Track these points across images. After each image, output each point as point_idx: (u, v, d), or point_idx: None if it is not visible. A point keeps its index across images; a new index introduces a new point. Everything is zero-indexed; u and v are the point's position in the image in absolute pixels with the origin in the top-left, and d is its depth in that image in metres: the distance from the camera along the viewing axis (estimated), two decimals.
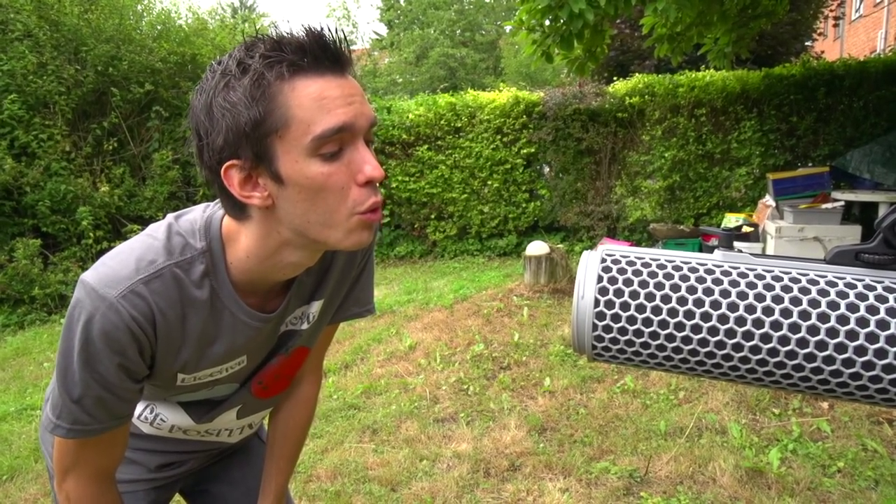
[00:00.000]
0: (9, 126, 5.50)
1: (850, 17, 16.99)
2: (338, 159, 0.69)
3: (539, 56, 4.27)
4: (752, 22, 4.86)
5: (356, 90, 0.70)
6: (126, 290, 0.71)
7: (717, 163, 6.05)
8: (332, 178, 0.68)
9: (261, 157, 0.68)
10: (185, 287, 0.76)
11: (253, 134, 0.67)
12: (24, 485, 2.60)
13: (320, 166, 0.68)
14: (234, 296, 0.80)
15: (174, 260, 0.75)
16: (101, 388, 0.74)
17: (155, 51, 6.44)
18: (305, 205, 0.70)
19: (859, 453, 2.39)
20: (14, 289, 5.25)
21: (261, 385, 0.98)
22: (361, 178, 0.70)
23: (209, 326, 0.80)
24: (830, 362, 0.53)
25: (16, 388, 3.72)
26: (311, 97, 0.66)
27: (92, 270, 0.73)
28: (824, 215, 4.61)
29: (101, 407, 0.76)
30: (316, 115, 0.66)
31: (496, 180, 6.60)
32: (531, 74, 18.33)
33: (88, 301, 0.71)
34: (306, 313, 0.93)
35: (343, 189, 0.69)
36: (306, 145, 0.67)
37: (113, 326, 0.71)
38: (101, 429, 0.78)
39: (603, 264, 0.61)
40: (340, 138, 0.68)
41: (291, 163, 0.67)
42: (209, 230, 0.78)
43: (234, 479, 1.17)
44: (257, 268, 0.78)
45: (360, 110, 0.69)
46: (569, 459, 2.49)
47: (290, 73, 0.66)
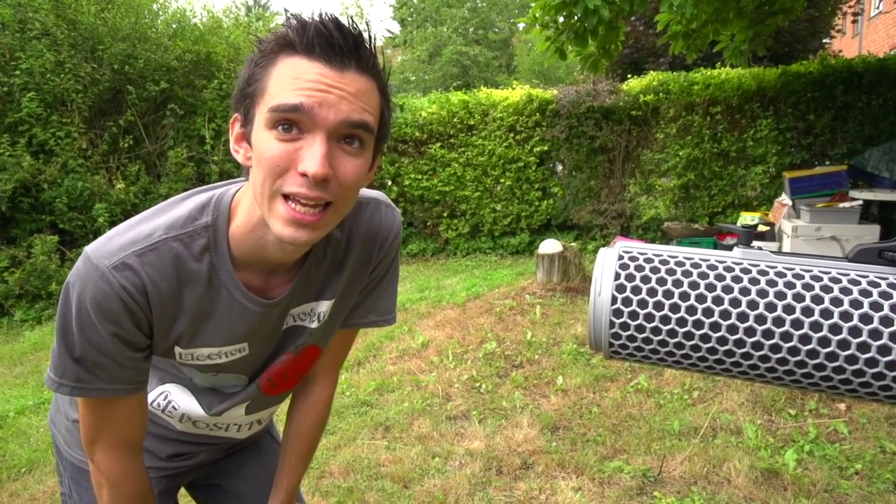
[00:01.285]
0: (27, 124, 5.56)
1: (869, 14, 16.75)
2: (289, 141, 0.69)
3: (552, 53, 4.24)
4: (769, 18, 4.80)
5: (344, 87, 0.69)
6: (118, 262, 0.74)
7: (733, 161, 5.99)
8: (272, 152, 0.69)
9: (246, 118, 0.73)
10: (182, 260, 0.77)
11: (242, 94, 0.73)
12: (43, 477, 2.63)
13: (270, 139, 0.69)
14: (233, 274, 0.81)
15: (174, 233, 0.77)
16: (98, 354, 0.76)
17: (170, 49, 6.48)
18: (255, 172, 0.72)
19: (877, 455, 2.36)
20: (32, 284, 5.32)
21: (269, 382, 0.98)
22: (300, 167, 0.69)
23: (205, 302, 0.81)
24: (853, 361, 0.52)
25: (34, 382, 3.77)
26: (287, 74, 0.69)
27: (95, 241, 0.77)
28: (842, 214, 4.55)
29: (102, 370, 0.78)
30: (281, 90, 0.68)
31: (509, 178, 6.59)
32: (544, 72, 18.25)
33: (84, 270, 0.74)
34: (315, 311, 0.93)
35: (278, 167, 0.69)
36: (265, 115, 0.69)
37: (104, 296, 0.73)
38: (108, 391, 0.79)
39: (620, 261, 0.61)
40: (296, 119, 0.68)
41: (257, 128, 0.71)
42: (219, 205, 0.80)
43: (245, 475, 1.17)
44: (246, 241, 0.79)
45: (330, 101, 0.68)
46: (581, 458, 2.48)
47: (280, 47, 0.70)
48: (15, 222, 5.63)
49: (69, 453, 1.03)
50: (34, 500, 2.48)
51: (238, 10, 17.80)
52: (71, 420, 1.00)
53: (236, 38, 7.34)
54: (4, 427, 3.11)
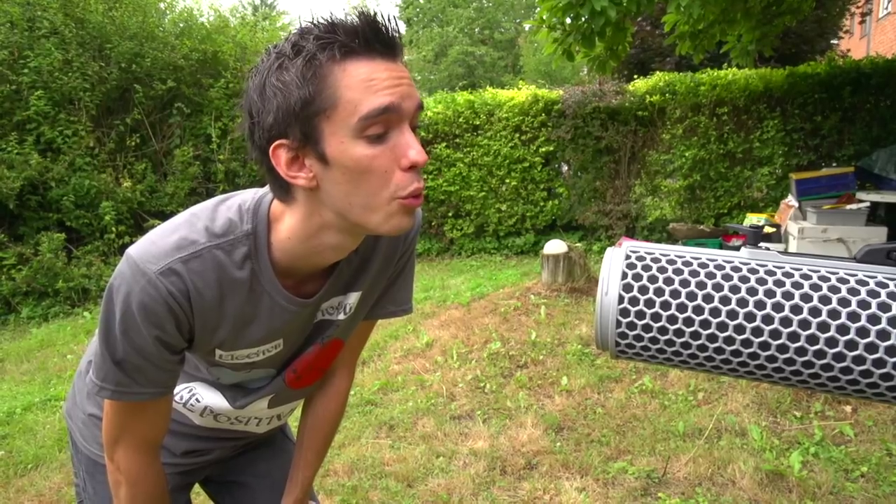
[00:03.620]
0: (35, 122, 5.60)
1: (877, 15, 16.66)
2: (383, 142, 0.69)
3: (560, 54, 4.24)
4: (776, 19, 4.78)
5: (404, 74, 0.71)
6: (165, 267, 0.74)
7: (739, 162, 5.97)
8: (375, 161, 0.69)
9: (308, 137, 0.69)
10: (224, 268, 0.78)
11: (302, 113, 0.68)
12: (49, 473, 2.64)
13: (365, 148, 0.68)
14: (274, 280, 0.81)
15: (216, 242, 0.77)
16: (140, 357, 0.77)
17: (177, 48, 6.51)
18: (348, 187, 0.71)
19: (883, 458, 2.35)
20: (39, 282, 5.35)
21: (294, 374, 0.99)
22: (405, 162, 0.70)
23: (247, 308, 0.82)
24: (861, 361, 0.52)
25: (40, 379, 3.79)
26: (359, 78, 0.67)
27: (137, 244, 0.76)
28: (849, 216, 4.53)
29: (141, 373, 0.79)
30: (363, 95, 0.67)
31: (514, 178, 6.58)
32: (550, 72, 18.24)
33: (130, 274, 0.74)
34: (343, 304, 0.94)
35: (386, 172, 0.70)
36: (352, 126, 0.67)
37: (151, 300, 0.74)
38: (144, 394, 0.80)
39: (627, 261, 0.61)
40: (386, 120, 0.69)
41: (337, 143, 0.68)
42: (257, 213, 0.80)
43: (259, 472, 1.18)
44: (298, 250, 0.79)
45: (407, 93, 0.70)
46: (586, 459, 2.48)
47: (341, 55, 0.67)
48: (22, 220, 5.66)
49: (85, 446, 1.04)
50: (41, 496, 2.49)
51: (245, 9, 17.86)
52: (87, 414, 1.01)
53: (243, 38, 7.37)
54: (11, 423, 3.13)
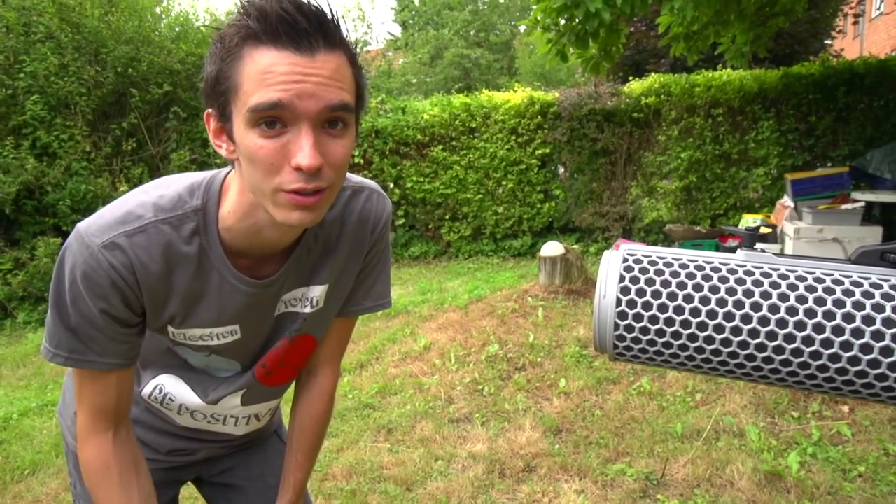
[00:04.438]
0: (31, 126, 5.59)
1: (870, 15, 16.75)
2: (275, 136, 0.68)
3: (554, 55, 4.25)
4: (769, 20, 4.81)
5: (318, 72, 0.67)
6: (107, 241, 0.75)
7: (735, 163, 5.99)
8: (262, 152, 0.68)
9: (222, 114, 0.71)
10: (171, 243, 0.78)
11: (214, 90, 0.70)
12: (46, 479, 2.64)
13: (256, 138, 0.68)
14: (223, 256, 0.82)
15: (162, 216, 0.78)
16: (90, 327, 0.78)
17: (173, 52, 6.51)
18: (246, 169, 0.72)
19: (881, 458, 2.35)
20: (35, 287, 5.33)
21: (264, 369, 0.98)
22: (293, 161, 0.69)
23: (196, 284, 0.82)
24: (856, 362, 0.52)
25: (37, 384, 3.78)
26: (258, 68, 0.66)
27: (88, 218, 0.78)
28: (844, 216, 4.55)
29: (95, 342, 0.80)
30: (256, 87, 0.66)
31: (511, 181, 6.59)
32: (546, 74, 18.28)
33: (76, 246, 0.76)
34: (307, 296, 0.94)
35: (272, 165, 0.69)
36: (245, 115, 0.68)
37: (94, 272, 0.75)
38: (99, 363, 0.81)
39: (625, 264, 0.61)
40: (279, 115, 0.67)
41: (238, 128, 0.70)
42: (210, 189, 0.81)
43: (253, 475, 1.17)
44: (240, 227, 0.80)
45: (308, 91, 0.67)
46: (584, 461, 2.48)
47: (244, 40, 0.67)
48: (18, 224, 5.65)
49: (74, 445, 1.03)
50: (37, 502, 2.49)
51: None
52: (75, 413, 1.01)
53: None
54: (8, 429, 3.12)
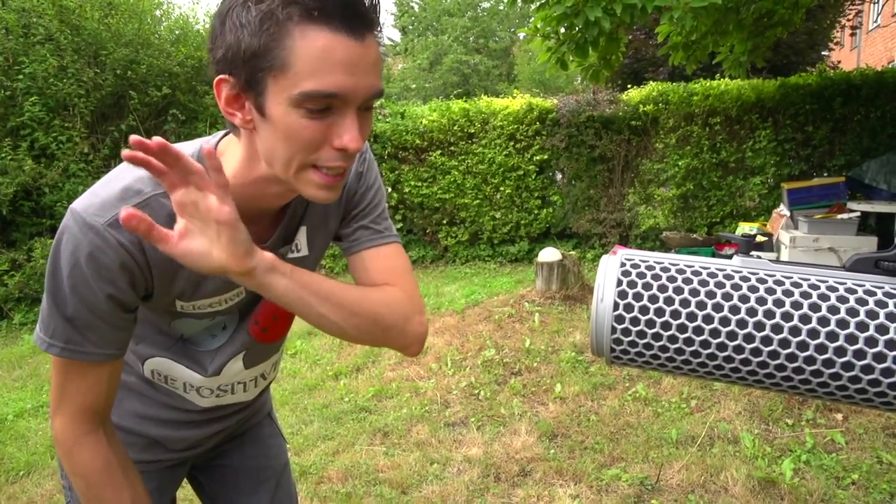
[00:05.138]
0: (29, 128, 5.58)
1: (867, 27, 16.87)
2: (321, 117, 0.68)
3: (554, 63, 4.27)
4: (768, 31, 4.84)
5: (367, 58, 0.68)
6: (113, 218, 0.72)
7: (732, 172, 6.02)
8: (306, 132, 0.68)
9: (251, 85, 0.68)
10: (172, 215, 0.74)
11: (250, 62, 0.66)
12: (41, 480, 2.63)
13: (300, 118, 0.67)
14: None
15: (161, 189, 0.75)
16: (92, 315, 0.75)
17: (173, 55, 6.51)
18: (276, 144, 0.70)
19: (874, 466, 2.36)
20: (32, 288, 5.32)
21: (258, 325, 0.96)
22: (338, 143, 0.69)
23: None
24: (850, 368, 0.53)
25: (32, 385, 3.77)
26: (313, 50, 0.65)
27: (80, 199, 0.74)
28: (839, 226, 4.58)
29: (93, 331, 0.76)
30: (311, 71, 0.65)
31: (509, 186, 6.61)
32: (545, 81, 18.35)
33: (77, 228, 0.72)
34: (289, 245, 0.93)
35: (314, 145, 0.70)
36: (293, 96, 0.66)
37: (101, 253, 0.72)
38: (96, 355, 0.78)
39: (622, 268, 0.62)
40: (329, 101, 0.67)
41: (276, 104, 0.67)
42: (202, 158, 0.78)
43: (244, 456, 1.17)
44: (241, 192, 0.78)
45: (361, 82, 0.68)
46: (579, 466, 2.48)
47: (301, 17, 0.65)
48: (15, 226, 5.63)
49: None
50: (32, 503, 2.48)
51: None
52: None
53: None
54: (3, 430, 3.11)
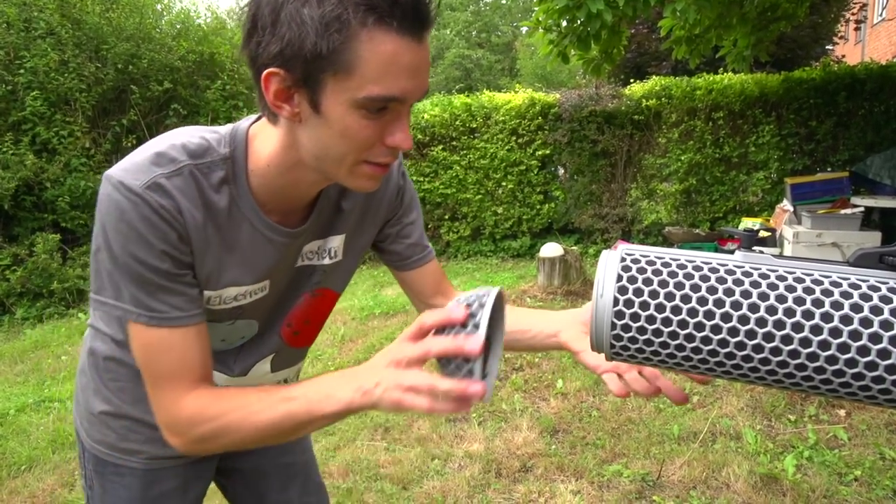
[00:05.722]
0: (31, 122, 5.59)
1: (872, 21, 16.76)
2: (378, 118, 0.69)
3: (555, 56, 4.25)
4: (771, 25, 4.81)
5: (425, 62, 0.69)
6: (150, 181, 0.71)
7: (735, 167, 6.00)
8: (363, 133, 0.70)
9: (308, 83, 0.67)
10: (204, 190, 0.75)
11: (311, 62, 0.65)
12: (42, 475, 2.63)
13: (359, 119, 0.68)
14: (254, 205, 0.80)
15: (194, 161, 0.75)
16: (156, 276, 0.73)
17: (174, 49, 6.51)
18: (329, 140, 0.71)
19: (877, 462, 2.36)
20: (34, 283, 5.33)
21: (290, 328, 0.96)
22: (390, 141, 0.71)
23: (228, 235, 0.79)
24: (853, 364, 0.52)
25: (34, 380, 3.78)
26: (382, 56, 0.65)
27: (114, 167, 0.73)
28: (843, 221, 4.55)
29: (165, 292, 0.75)
30: (379, 77, 0.66)
31: (511, 181, 6.59)
32: (547, 76, 18.29)
33: (117, 193, 0.71)
34: (325, 247, 0.92)
35: (369, 143, 0.71)
36: (357, 98, 0.66)
37: (151, 212, 0.71)
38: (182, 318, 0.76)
39: (623, 263, 0.61)
40: (388, 104, 0.69)
41: (335, 104, 0.67)
42: (235, 138, 0.78)
43: (269, 455, 1.14)
44: (277, 180, 0.78)
45: (420, 84, 0.70)
46: (581, 462, 2.48)
47: (374, 21, 0.64)
48: (17, 220, 5.64)
49: (91, 445, 1.00)
50: (34, 497, 2.48)
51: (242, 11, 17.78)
52: (94, 412, 0.97)
53: (240, 40, 7.36)
54: (5, 425, 3.12)
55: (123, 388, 0.94)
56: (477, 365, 0.61)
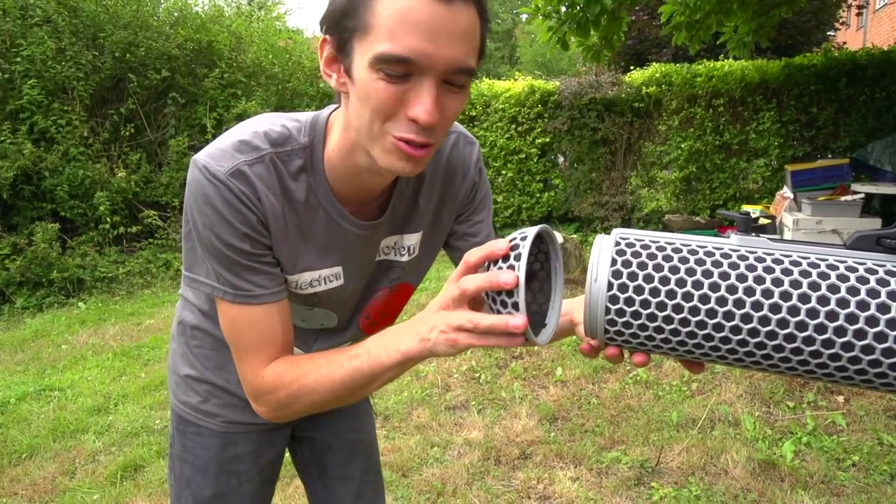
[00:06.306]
0: (28, 111, 5.55)
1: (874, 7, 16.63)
2: (399, 83, 0.66)
3: (555, 43, 4.22)
4: (772, 10, 4.77)
5: (453, 25, 0.64)
6: (233, 168, 0.74)
7: (735, 154, 5.97)
8: (379, 96, 0.66)
9: (341, 47, 0.69)
10: (283, 178, 0.78)
11: (339, 23, 0.68)
12: (43, 463, 2.64)
13: (377, 81, 0.66)
14: (330, 194, 0.81)
15: (275, 150, 0.77)
16: (241, 256, 0.77)
17: (172, 37, 6.45)
18: (358, 107, 0.70)
19: (875, 447, 2.36)
20: (33, 272, 5.32)
21: (368, 320, 0.99)
22: (409, 112, 0.67)
23: (305, 222, 0.81)
24: (849, 348, 0.52)
25: (34, 369, 3.78)
26: (394, 12, 0.63)
27: (201, 152, 0.76)
28: (843, 207, 4.54)
29: (250, 272, 0.78)
30: (390, 33, 0.63)
31: (510, 170, 6.57)
32: (547, 63, 18.19)
33: (203, 178, 0.74)
34: (402, 244, 0.94)
35: (388, 111, 0.68)
36: (370, 58, 0.65)
37: (233, 197, 0.74)
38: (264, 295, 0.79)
39: (617, 247, 0.60)
40: (406, 67, 0.65)
41: (360, 66, 0.67)
42: (315, 127, 0.80)
43: (339, 430, 1.18)
44: (340, 167, 0.80)
45: (440, 50, 0.64)
46: (580, 449, 2.49)
47: None
48: (16, 210, 5.63)
49: (176, 404, 1.07)
50: (35, 485, 2.49)
51: None
52: (181, 375, 1.04)
53: (238, 28, 7.32)
54: (5, 413, 3.13)
55: (207, 355, 1.01)
56: (520, 299, 0.60)
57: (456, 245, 1.00)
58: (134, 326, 4.55)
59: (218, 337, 0.96)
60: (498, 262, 0.63)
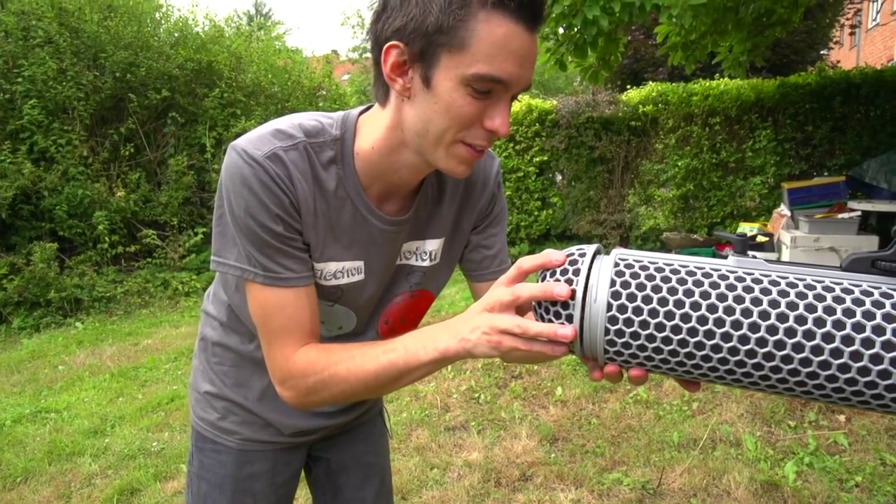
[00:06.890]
0: (28, 131, 5.59)
1: (866, 26, 16.85)
2: (482, 98, 0.72)
3: (552, 64, 4.26)
4: (767, 30, 4.83)
5: (532, 54, 0.73)
6: (270, 152, 0.78)
7: (732, 172, 6.01)
8: (465, 110, 0.73)
9: (424, 57, 0.72)
10: (314, 166, 0.81)
11: (431, 37, 0.70)
12: (38, 487, 2.61)
13: (464, 96, 0.72)
14: (358, 187, 0.84)
15: (308, 140, 0.81)
16: (273, 238, 0.79)
17: (172, 58, 6.52)
18: (434, 115, 0.74)
19: (877, 468, 2.34)
20: (31, 292, 5.31)
21: (387, 325, 1.00)
22: (489, 124, 0.74)
23: (333, 212, 0.84)
24: (846, 370, 0.52)
25: (31, 390, 3.76)
26: (495, 37, 0.69)
27: (239, 139, 0.80)
28: (840, 225, 4.56)
29: (281, 255, 0.81)
30: (488, 56, 0.69)
31: (508, 188, 6.60)
32: (544, 82, 18.34)
33: (240, 160, 0.77)
34: (423, 249, 0.96)
35: (468, 122, 0.74)
36: (465, 75, 0.70)
37: (269, 179, 0.77)
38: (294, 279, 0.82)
39: (616, 268, 0.61)
40: (494, 86, 0.72)
41: (445, 79, 0.72)
42: (346, 123, 0.84)
43: (356, 452, 1.18)
44: (378, 163, 0.83)
45: (525, 73, 0.73)
46: (580, 470, 2.46)
47: (493, 5, 0.68)
48: (14, 229, 5.64)
49: (195, 421, 1.08)
50: None
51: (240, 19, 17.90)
52: (200, 392, 1.07)
53: (238, 48, 7.39)
54: (1, 436, 3.10)
55: (227, 372, 1.03)
56: (576, 311, 0.61)
57: (470, 257, 1.03)
58: (131, 347, 4.53)
59: (238, 352, 1.01)
60: (555, 273, 0.64)
